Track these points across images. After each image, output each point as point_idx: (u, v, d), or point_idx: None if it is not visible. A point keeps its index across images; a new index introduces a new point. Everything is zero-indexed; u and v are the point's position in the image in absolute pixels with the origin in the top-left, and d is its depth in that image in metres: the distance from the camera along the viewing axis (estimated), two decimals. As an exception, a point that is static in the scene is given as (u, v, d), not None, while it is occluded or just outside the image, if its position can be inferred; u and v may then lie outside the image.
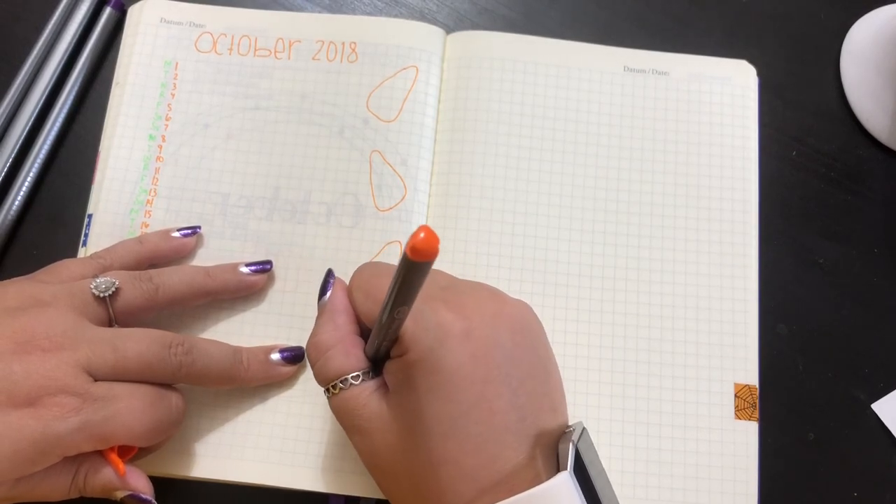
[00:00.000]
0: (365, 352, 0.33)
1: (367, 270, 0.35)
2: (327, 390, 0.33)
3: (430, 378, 0.30)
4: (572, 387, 0.40)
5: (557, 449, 0.31)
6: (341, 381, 0.32)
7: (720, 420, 0.40)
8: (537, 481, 0.29)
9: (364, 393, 0.32)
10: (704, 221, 0.43)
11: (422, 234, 0.23)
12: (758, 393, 0.41)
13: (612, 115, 0.45)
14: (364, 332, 0.34)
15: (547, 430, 0.31)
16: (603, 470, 0.32)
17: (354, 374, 0.32)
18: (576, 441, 0.30)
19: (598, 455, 0.32)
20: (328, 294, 0.35)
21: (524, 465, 0.30)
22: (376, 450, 0.32)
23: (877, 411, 0.43)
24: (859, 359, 0.44)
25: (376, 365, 0.33)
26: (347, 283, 0.35)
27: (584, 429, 0.32)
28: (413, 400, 0.30)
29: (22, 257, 0.44)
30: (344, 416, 0.33)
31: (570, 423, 0.33)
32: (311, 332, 0.35)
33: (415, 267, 0.24)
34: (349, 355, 0.33)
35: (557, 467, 0.30)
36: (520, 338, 0.32)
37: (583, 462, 0.30)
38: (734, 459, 0.40)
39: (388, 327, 0.30)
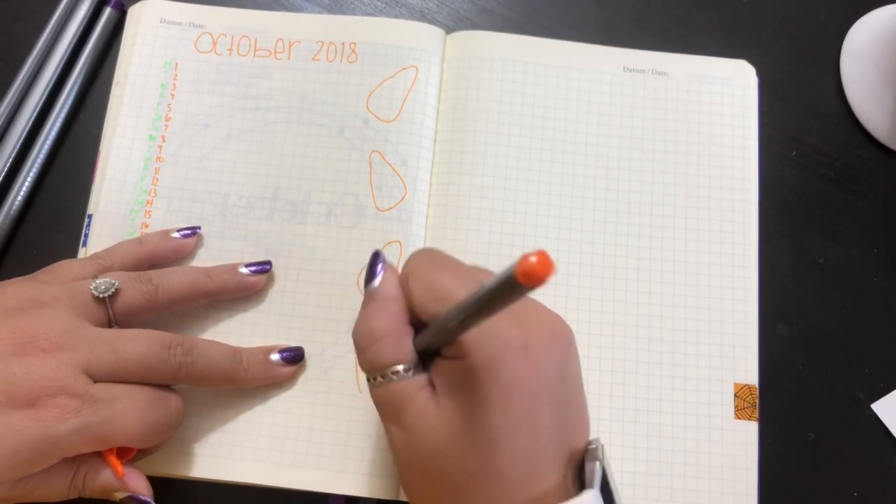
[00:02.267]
0: (414, 344, 0.32)
1: (426, 260, 0.34)
2: (373, 378, 0.32)
3: (485, 387, 0.30)
4: (572, 387, 0.40)
5: (584, 465, 0.31)
6: (392, 372, 0.31)
7: (720, 420, 0.40)
8: (566, 497, 0.29)
9: (413, 387, 0.31)
10: (704, 221, 0.43)
11: (534, 258, 0.21)
12: (758, 393, 0.41)
13: (611, 115, 0.45)
14: (414, 322, 0.33)
15: (577, 448, 0.31)
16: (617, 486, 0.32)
17: (405, 366, 0.31)
18: (602, 458, 0.30)
19: (611, 469, 0.32)
20: (378, 279, 0.33)
21: (558, 482, 0.30)
22: (415, 448, 0.31)
23: (877, 411, 0.43)
24: (859, 359, 0.44)
25: (422, 359, 0.33)
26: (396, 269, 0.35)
27: (602, 445, 0.32)
28: (466, 406, 0.30)
29: (22, 257, 0.44)
30: (387, 408, 0.32)
31: (590, 439, 0.33)
32: (358, 317, 0.33)
33: (519, 289, 0.23)
34: (401, 346, 0.32)
35: (583, 484, 0.30)
36: (568, 355, 0.32)
37: (607, 480, 0.30)
38: (734, 459, 0.40)
39: (454, 331, 0.29)
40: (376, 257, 0.34)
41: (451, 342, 0.31)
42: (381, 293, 0.33)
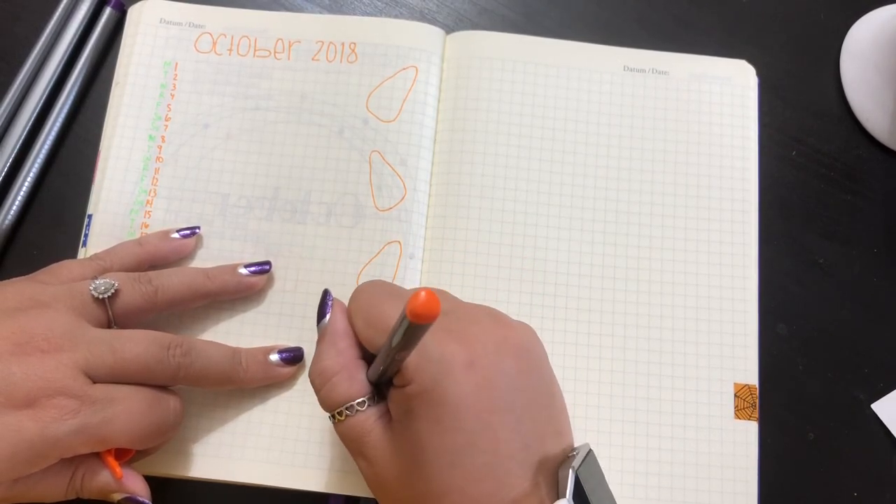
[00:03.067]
0: (368, 377, 0.33)
1: (365, 295, 0.35)
2: (332, 416, 0.33)
3: (434, 410, 0.30)
4: (572, 387, 0.40)
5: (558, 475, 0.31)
6: (346, 408, 0.32)
7: (720, 420, 0.40)
8: None
9: (369, 420, 0.32)
10: (704, 221, 0.43)
11: (422, 296, 0.23)
12: (758, 393, 0.41)
13: (611, 114, 0.45)
14: (366, 355, 0.34)
15: (551, 456, 0.31)
16: (609, 493, 0.32)
17: (359, 400, 0.32)
18: (576, 466, 0.30)
19: (604, 477, 0.32)
20: (327, 317, 0.35)
21: (528, 492, 0.30)
22: (381, 477, 0.32)
23: (877, 411, 0.43)
24: (859, 359, 0.44)
25: (379, 389, 0.33)
26: (346, 302, 0.35)
27: (589, 451, 0.31)
28: (417, 431, 0.30)
29: (22, 257, 0.44)
30: (349, 443, 0.33)
31: (575, 446, 0.33)
32: (313, 357, 0.34)
33: (414, 327, 0.25)
34: (353, 381, 0.33)
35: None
36: (524, 364, 0.32)
37: (583, 489, 0.30)
38: (734, 459, 0.40)
39: (391, 361, 0.29)
40: (325, 295, 0.36)
41: (396, 371, 0.31)
42: (330, 330, 0.34)
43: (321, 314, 0.35)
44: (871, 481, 0.42)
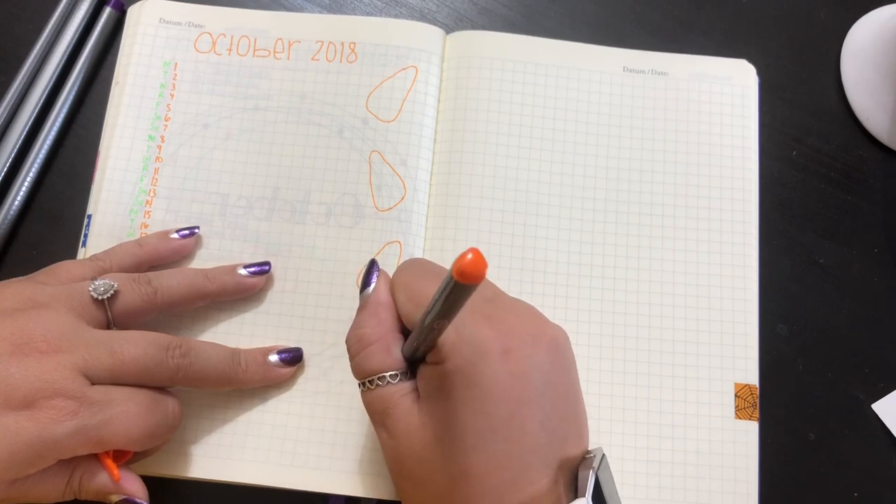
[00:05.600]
0: (402, 351, 0.33)
1: (411, 270, 0.35)
2: (363, 384, 0.33)
3: (464, 391, 0.30)
4: (572, 387, 0.40)
5: (577, 474, 0.31)
6: (378, 378, 0.32)
7: (720, 420, 0.40)
8: None
9: (398, 393, 0.32)
10: (704, 221, 0.43)
11: (469, 256, 0.22)
12: (758, 393, 0.41)
13: (611, 115, 0.45)
14: (404, 330, 0.34)
15: (571, 456, 0.31)
16: (618, 497, 0.32)
17: (392, 372, 0.32)
18: (596, 468, 0.30)
19: (614, 481, 0.32)
20: (371, 286, 0.34)
21: (547, 488, 0.30)
22: (400, 452, 0.32)
23: (877, 411, 0.43)
24: (859, 359, 0.44)
25: (412, 366, 0.33)
26: (390, 275, 0.35)
27: (603, 455, 0.32)
28: (444, 409, 0.30)
29: (22, 257, 0.44)
30: (374, 413, 0.33)
31: (590, 449, 0.33)
32: (352, 323, 0.34)
33: (459, 288, 0.24)
34: (389, 353, 0.33)
35: (576, 493, 0.30)
36: (557, 362, 0.32)
37: (601, 490, 0.30)
38: (734, 459, 0.40)
39: (428, 335, 0.29)
40: (372, 265, 0.35)
41: (431, 346, 0.31)
42: (373, 300, 0.34)
43: (365, 283, 0.35)
44: (871, 481, 0.42)
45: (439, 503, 0.31)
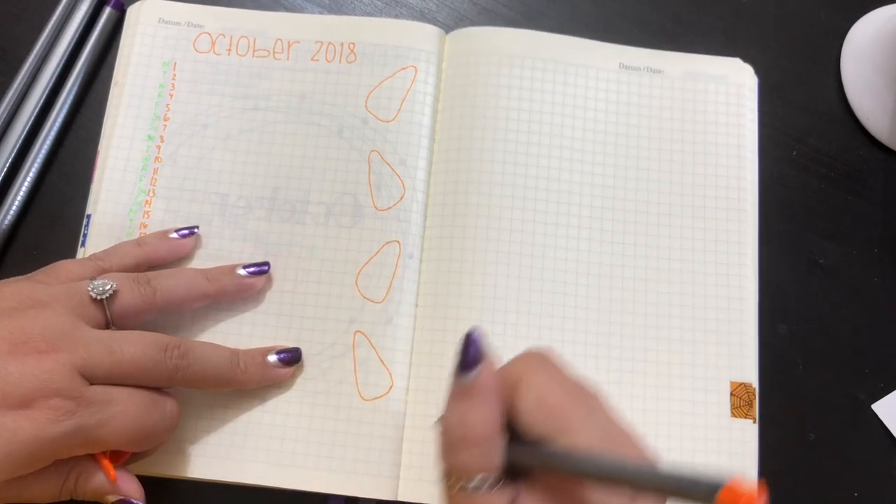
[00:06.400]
0: (506, 454, 0.29)
1: (540, 370, 0.30)
2: (448, 480, 0.29)
3: None
4: (571, 387, 0.40)
5: None
6: (476, 480, 0.28)
7: (716, 418, 0.40)
8: None
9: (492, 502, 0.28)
10: (700, 220, 0.43)
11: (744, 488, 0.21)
12: (754, 391, 0.41)
13: (608, 112, 0.45)
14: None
15: None
16: None
17: (492, 477, 0.28)
18: None
19: None
20: (478, 370, 0.29)
21: None
22: None
23: (877, 411, 0.43)
24: (859, 359, 0.44)
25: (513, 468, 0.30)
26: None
27: None
28: None
29: (21, 257, 0.44)
30: None
31: None
32: (451, 407, 0.29)
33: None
34: (493, 456, 0.28)
35: None
36: None
37: None
38: (732, 458, 0.40)
39: (576, 475, 0.27)
40: (473, 340, 0.29)
41: (565, 477, 0.28)
42: (483, 390, 0.29)
43: (466, 362, 0.29)
44: (871, 481, 0.42)
45: None
